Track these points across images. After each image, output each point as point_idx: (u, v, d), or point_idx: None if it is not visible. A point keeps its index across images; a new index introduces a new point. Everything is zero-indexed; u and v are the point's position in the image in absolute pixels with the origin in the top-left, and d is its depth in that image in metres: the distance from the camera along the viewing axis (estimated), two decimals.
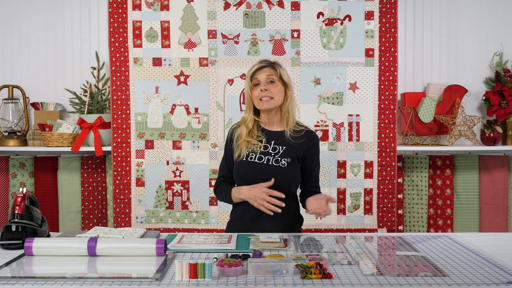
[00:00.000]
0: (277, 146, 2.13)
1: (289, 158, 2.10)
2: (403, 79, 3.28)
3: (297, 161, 2.12)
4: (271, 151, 2.12)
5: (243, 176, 2.14)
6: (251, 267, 1.40)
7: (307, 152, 2.14)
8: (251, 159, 2.12)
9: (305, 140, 2.14)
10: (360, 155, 3.11)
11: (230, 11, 3.10)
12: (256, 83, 2.12)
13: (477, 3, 3.29)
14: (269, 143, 2.14)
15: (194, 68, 3.10)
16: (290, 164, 2.10)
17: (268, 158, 2.11)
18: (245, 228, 2.11)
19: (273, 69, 2.13)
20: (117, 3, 3.08)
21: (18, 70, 3.33)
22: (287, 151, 2.11)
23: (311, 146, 2.15)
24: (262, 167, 2.10)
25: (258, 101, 2.11)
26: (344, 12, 3.09)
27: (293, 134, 2.14)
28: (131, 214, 3.12)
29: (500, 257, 1.61)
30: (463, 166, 3.21)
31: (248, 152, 2.14)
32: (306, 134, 2.15)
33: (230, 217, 2.25)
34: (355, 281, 1.35)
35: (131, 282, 1.34)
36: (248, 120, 2.16)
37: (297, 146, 2.12)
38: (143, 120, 3.11)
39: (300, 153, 2.13)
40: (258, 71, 2.12)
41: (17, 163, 3.19)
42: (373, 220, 3.11)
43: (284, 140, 2.14)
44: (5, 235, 1.73)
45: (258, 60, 2.20)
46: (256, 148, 2.13)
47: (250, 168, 2.12)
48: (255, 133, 2.16)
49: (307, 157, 2.15)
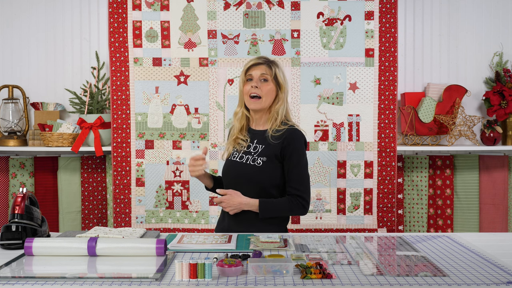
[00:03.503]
0: (258, 145, 2.10)
1: (264, 157, 2.05)
2: (403, 79, 3.28)
3: (275, 160, 2.05)
4: (252, 150, 2.11)
5: (223, 175, 2.18)
6: (251, 267, 1.40)
7: (284, 150, 2.05)
8: (233, 158, 2.13)
9: (283, 139, 2.06)
10: (360, 155, 3.11)
11: (230, 11, 3.10)
12: (249, 78, 2.10)
13: (477, 3, 3.29)
14: (252, 142, 2.13)
15: (194, 68, 3.10)
16: (265, 163, 2.05)
17: (248, 157, 2.09)
18: (225, 227, 2.13)
19: (268, 67, 2.09)
20: (117, 3, 3.08)
21: (18, 70, 3.33)
22: (265, 150, 2.07)
23: (287, 145, 2.04)
24: (238, 166, 2.10)
25: (247, 97, 2.09)
26: (344, 12, 3.09)
27: (274, 133, 2.08)
28: (131, 214, 3.12)
29: (500, 257, 1.61)
30: (463, 166, 3.21)
31: (233, 151, 2.15)
32: (286, 133, 2.06)
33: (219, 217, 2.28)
34: (355, 281, 1.35)
35: (131, 282, 1.34)
36: (239, 115, 2.15)
37: (274, 145, 2.06)
38: (143, 120, 3.11)
39: (278, 152, 2.05)
40: (253, 67, 2.09)
41: (17, 163, 3.19)
42: (373, 220, 3.11)
43: (265, 139, 2.10)
44: (5, 235, 1.73)
45: (258, 56, 2.18)
46: (240, 147, 2.13)
47: (228, 167, 2.15)
48: (244, 131, 2.16)
49: (285, 156, 2.05)
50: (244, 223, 2.07)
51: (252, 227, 2.05)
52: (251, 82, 2.08)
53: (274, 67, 2.09)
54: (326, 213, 3.12)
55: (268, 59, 2.13)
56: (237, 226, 2.08)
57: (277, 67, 2.11)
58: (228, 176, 2.15)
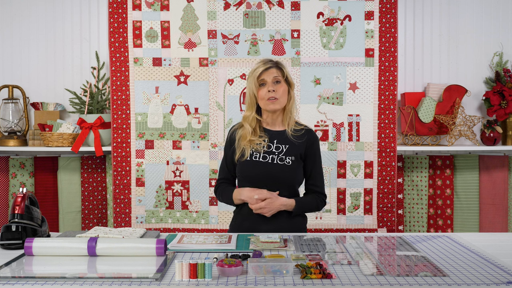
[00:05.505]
0: (280, 145, 2.15)
1: (293, 156, 2.13)
2: (403, 79, 3.28)
3: (300, 159, 2.15)
4: (275, 150, 2.14)
5: (248, 175, 2.15)
6: (251, 267, 1.40)
7: (308, 150, 2.17)
8: (255, 158, 2.13)
9: (306, 138, 2.17)
10: (360, 155, 3.11)
11: (230, 11, 3.10)
12: (263, 83, 2.13)
13: (477, 3, 3.29)
14: (271, 143, 2.16)
15: (194, 68, 3.10)
16: (294, 162, 2.13)
17: (273, 157, 2.13)
18: (252, 228, 2.11)
19: (279, 69, 2.15)
20: (117, 3, 3.09)
21: (18, 70, 3.33)
22: (291, 150, 2.14)
23: (312, 144, 2.18)
24: (266, 166, 2.11)
25: (265, 101, 2.12)
26: (344, 12, 3.09)
27: (294, 133, 2.17)
28: (131, 214, 3.12)
29: (500, 257, 1.61)
30: (463, 166, 3.21)
31: (252, 152, 2.15)
32: (307, 133, 2.19)
33: (234, 217, 2.24)
34: (355, 281, 1.35)
35: (131, 282, 1.34)
36: (250, 119, 2.17)
37: (299, 145, 2.15)
38: (143, 120, 3.11)
39: (302, 151, 2.16)
40: (265, 72, 2.13)
41: (17, 163, 3.19)
42: (373, 220, 3.11)
43: (286, 139, 2.16)
44: (5, 235, 1.73)
45: (261, 60, 2.19)
46: (259, 147, 2.15)
47: (255, 167, 2.13)
48: (258, 132, 2.18)
49: (308, 155, 2.17)
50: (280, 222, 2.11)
51: (283, 223, 2.12)
52: (265, 86, 2.13)
53: (284, 69, 2.17)
54: (326, 213, 3.13)
55: (275, 62, 2.18)
56: (274, 225, 2.10)
57: (285, 67, 2.18)
58: (254, 176, 2.13)
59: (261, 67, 2.14)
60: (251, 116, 2.17)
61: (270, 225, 2.09)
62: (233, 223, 2.24)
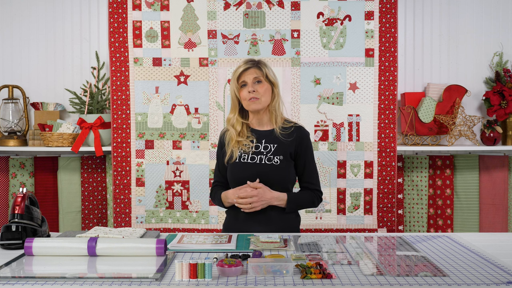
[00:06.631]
0: (268, 144, 2.13)
1: (281, 156, 2.10)
2: (403, 79, 3.28)
3: (289, 158, 2.12)
4: (263, 150, 2.12)
5: (237, 177, 2.13)
6: (251, 267, 1.40)
7: (298, 147, 2.14)
8: (243, 160, 2.12)
9: (295, 136, 2.14)
10: (360, 155, 3.11)
11: (230, 11, 3.10)
12: (243, 84, 2.12)
13: (477, 3, 3.29)
14: (260, 143, 2.14)
15: (194, 68, 3.11)
16: (282, 162, 2.10)
17: (261, 157, 2.11)
18: (242, 228, 2.10)
19: (259, 69, 2.12)
20: (117, 3, 3.09)
21: (18, 70, 3.33)
22: (279, 149, 2.11)
23: (301, 142, 2.14)
24: (255, 167, 2.10)
25: (247, 102, 2.11)
26: (344, 12, 3.09)
27: (282, 131, 2.14)
28: (131, 214, 3.12)
29: (500, 257, 1.61)
30: (463, 166, 3.21)
31: (240, 153, 2.14)
32: (296, 131, 2.15)
33: (226, 218, 2.25)
34: (355, 281, 1.35)
35: (131, 282, 1.34)
36: (233, 121, 2.16)
37: (288, 143, 2.12)
38: (143, 120, 3.11)
39: (292, 150, 2.12)
40: (244, 72, 2.11)
41: (17, 163, 3.19)
42: (373, 220, 3.11)
43: (275, 138, 2.14)
44: (5, 235, 1.73)
45: (243, 60, 2.18)
46: (247, 148, 2.13)
47: (243, 168, 2.12)
48: (245, 134, 2.16)
49: (299, 153, 2.14)
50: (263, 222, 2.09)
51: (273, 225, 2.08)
52: (246, 87, 2.11)
53: (264, 68, 2.13)
54: (326, 213, 3.13)
55: (255, 61, 2.15)
56: (267, 226, 2.08)
57: (266, 66, 2.15)
58: (242, 178, 2.11)
59: (241, 67, 2.12)
60: (234, 118, 2.16)
61: (263, 226, 2.07)
62: (226, 224, 2.24)
